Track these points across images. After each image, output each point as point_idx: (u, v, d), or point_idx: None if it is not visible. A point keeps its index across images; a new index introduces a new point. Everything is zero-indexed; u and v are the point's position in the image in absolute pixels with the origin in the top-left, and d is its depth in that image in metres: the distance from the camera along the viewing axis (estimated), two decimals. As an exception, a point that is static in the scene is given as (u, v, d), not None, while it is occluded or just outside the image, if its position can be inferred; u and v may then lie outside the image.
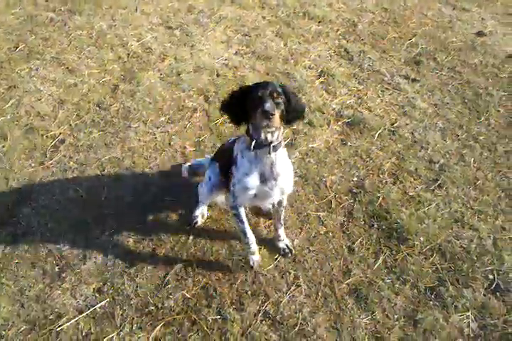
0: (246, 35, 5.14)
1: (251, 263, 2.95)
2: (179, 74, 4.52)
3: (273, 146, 2.38)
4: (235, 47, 4.96)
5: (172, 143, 3.81)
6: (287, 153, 2.61)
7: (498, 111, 4.24)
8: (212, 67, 4.62)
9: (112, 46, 4.84)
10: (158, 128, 3.94)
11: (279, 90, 2.31)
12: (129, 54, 4.74)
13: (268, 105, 2.17)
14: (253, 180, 2.49)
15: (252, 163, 2.47)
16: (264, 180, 2.50)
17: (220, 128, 3.95)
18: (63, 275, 2.90)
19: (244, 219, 2.80)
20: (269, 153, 2.40)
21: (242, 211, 2.77)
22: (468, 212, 3.37)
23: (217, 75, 4.54)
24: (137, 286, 2.84)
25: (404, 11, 5.67)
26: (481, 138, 3.96)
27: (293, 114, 2.40)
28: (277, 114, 2.22)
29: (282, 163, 2.51)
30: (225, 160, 2.82)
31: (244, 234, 2.84)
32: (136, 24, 5.20)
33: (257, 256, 2.96)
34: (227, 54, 4.84)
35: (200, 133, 3.89)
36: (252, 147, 2.37)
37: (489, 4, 5.91)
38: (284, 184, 2.59)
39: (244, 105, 2.32)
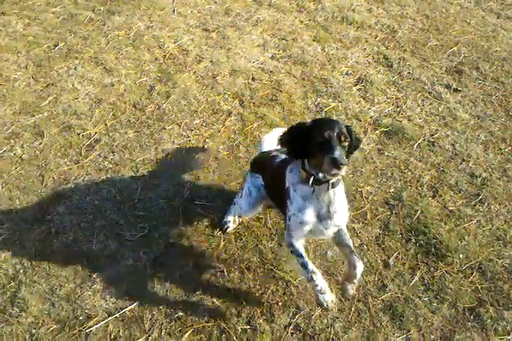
0: (283, 39, 5.08)
1: (324, 304, 2.44)
2: (215, 77, 4.48)
3: (332, 183, 2.23)
4: (271, 51, 4.90)
5: (206, 146, 3.77)
6: (343, 187, 2.43)
7: (544, 124, 4.09)
8: (248, 71, 4.57)
9: (149, 47, 4.84)
10: (192, 130, 3.91)
11: (346, 132, 2.15)
12: (165, 55, 4.73)
13: (338, 153, 2.01)
14: (308, 217, 2.33)
15: (306, 199, 2.31)
16: (319, 218, 2.34)
17: (254, 132, 3.90)
18: (94, 276, 2.88)
19: (303, 252, 2.50)
20: (328, 190, 2.26)
21: (299, 245, 2.51)
22: (510, 230, 3.23)
23: (253, 79, 4.49)
24: (167, 291, 2.80)
25: (446, 18, 5.52)
26: (526, 152, 3.81)
27: (351, 149, 2.27)
28: (347, 162, 2.05)
29: (339, 200, 2.36)
30: (274, 183, 2.67)
31: (306, 267, 2.45)
32: (173, 26, 5.19)
33: (328, 295, 2.44)
34: (263, 58, 4.78)
35: (234, 138, 3.84)
36: (310, 183, 2.22)
37: (536, 13, 5.73)
38: (340, 221, 2.42)
39: (305, 141, 2.17)
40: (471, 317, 2.75)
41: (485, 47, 5.07)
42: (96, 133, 3.83)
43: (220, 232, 3.14)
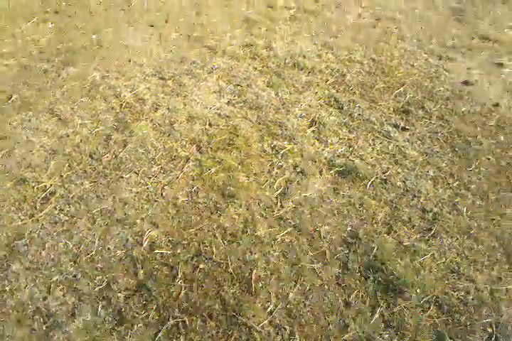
0: (238, 85, 5.25)
1: None
2: (172, 124, 4.56)
3: None
4: (227, 96, 5.04)
5: (164, 193, 3.79)
6: None
7: (488, 159, 4.30)
8: (205, 117, 4.68)
9: (105, 97, 4.90)
10: (150, 178, 3.93)
11: None
12: (121, 104, 4.80)
13: None
14: None
15: None
16: None
17: (213, 177, 3.95)
18: (51, 333, 2.78)
19: None
20: None
21: None
22: (463, 263, 3.34)
23: (210, 125, 4.59)
24: (127, 346, 2.74)
25: (391, 61, 5.84)
26: (473, 186, 3.99)
27: None
28: None
29: None
30: None
31: None
32: (129, 75, 5.30)
33: None
34: (219, 103, 4.91)
35: (192, 183, 3.88)
36: None
37: (474, 54, 6.12)
38: None
39: None
40: (433, 352, 2.79)
41: (429, 87, 5.36)
42: (51, 185, 3.79)
43: (180, 281, 3.11)
